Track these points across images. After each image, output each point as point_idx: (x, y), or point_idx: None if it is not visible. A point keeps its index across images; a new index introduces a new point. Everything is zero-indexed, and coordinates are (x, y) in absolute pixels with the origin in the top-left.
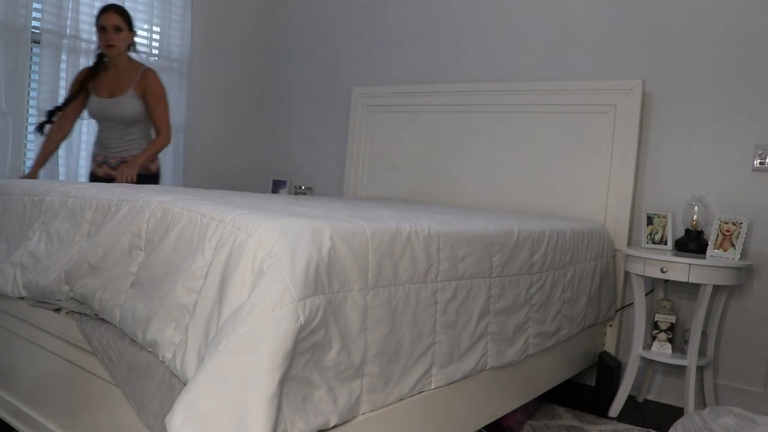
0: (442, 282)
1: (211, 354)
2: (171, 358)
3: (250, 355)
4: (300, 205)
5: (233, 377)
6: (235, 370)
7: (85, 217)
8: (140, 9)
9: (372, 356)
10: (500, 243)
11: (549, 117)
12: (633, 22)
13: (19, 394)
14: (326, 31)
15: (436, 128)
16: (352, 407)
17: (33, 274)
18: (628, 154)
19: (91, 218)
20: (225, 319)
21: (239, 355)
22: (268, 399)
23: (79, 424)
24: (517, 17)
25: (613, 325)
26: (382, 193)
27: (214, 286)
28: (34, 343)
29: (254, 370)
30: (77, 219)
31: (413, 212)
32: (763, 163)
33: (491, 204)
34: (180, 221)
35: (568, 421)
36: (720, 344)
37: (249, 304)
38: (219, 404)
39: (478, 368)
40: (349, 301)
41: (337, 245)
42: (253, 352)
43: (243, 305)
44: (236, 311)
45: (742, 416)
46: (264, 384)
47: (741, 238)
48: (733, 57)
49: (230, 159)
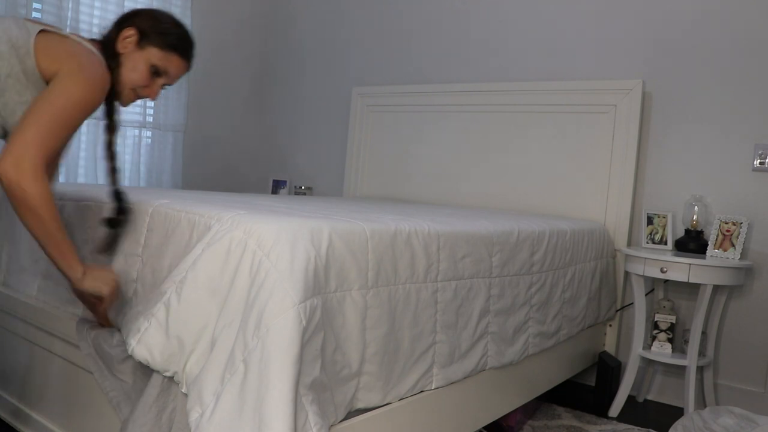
0: (442, 282)
1: (227, 378)
2: (136, 345)
3: (261, 365)
4: (299, 205)
5: (250, 395)
6: (251, 387)
7: (87, 223)
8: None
9: (371, 356)
10: (500, 243)
11: (549, 117)
12: (633, 22)
13: (19, 394)
14: (326, 31)
15: (436, 128)
16: (350, 406)
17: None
18: (628, 154)
19: (92, 220)
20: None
21: (253, 371)
22: (286, 404)
23: (80, 425)
24: (517, 17)
25: (613, 325)
26: (382, 193)
27: (211, 287)
28: (35, 344)
29: (268, 381)
30: (81, 223)
31: (413, 212)
32: (763, 163)
33: (491, 204)
34: (179, 223)
35: (568, 421)
36: (720, 344)
37: (253, 313)
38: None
39: (478, 368)
40: (348, 300)
41: (336, 245)
42: (264, 362)
43: (246, 313)
44: (242, 322)
45: (742, 416)
46: (279, 392)
47: (741, 238)
48: (733, 57)
49: (230, 159)
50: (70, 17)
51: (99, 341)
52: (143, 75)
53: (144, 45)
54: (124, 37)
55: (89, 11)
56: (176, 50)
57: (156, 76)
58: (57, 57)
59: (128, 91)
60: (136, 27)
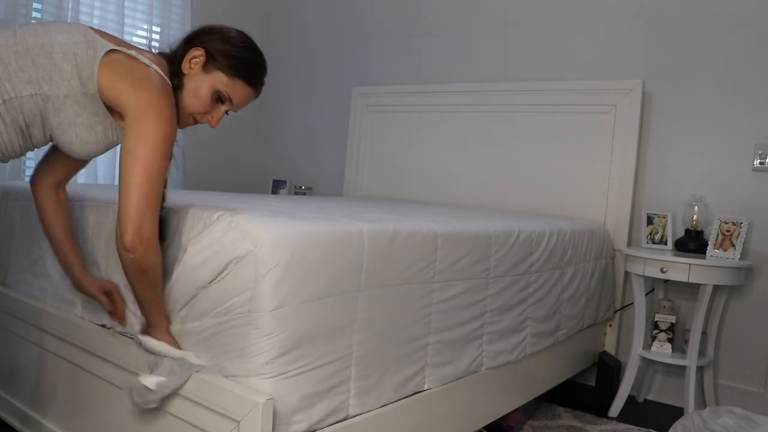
0: (439, 282)
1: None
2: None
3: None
4: (299, 205)
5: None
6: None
7: (88, 222)
8: (140, 9)
9: (363, 357)
10: (499, 243)
11: (549, 117)
12: (633, 22)
13: (18, 394)
14: (326, 31)
15: (436, 128)
16: (343, 409)
17: (51, 283)
18: (628, 154)
19: (93, 221)
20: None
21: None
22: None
23: (80, 425)
24: (517, 17)
25: (613, 325)
26: (382, 193)
27: (207, 283)
28: (34, 344)
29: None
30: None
31: (412, 212)
32: (763, 163)
33: (491, 204)
34: (179, 223)
35: (568, 421)
36: (720, 344)
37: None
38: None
39: (474, 368)
40: (343, 301)
41: (333, 246)
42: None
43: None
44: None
45: (742, 416)
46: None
47: (741, 238)
48: (733, 57)
49: (230, 159)
50: (70, 17)
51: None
52: (205, 101)
53: (210, 68)
54: (191, 57)
55: (89, 11)
56: (244, 77)
57: (219, 103)
58: (123, 87)
59: (186, 116)
60: (205, 47)
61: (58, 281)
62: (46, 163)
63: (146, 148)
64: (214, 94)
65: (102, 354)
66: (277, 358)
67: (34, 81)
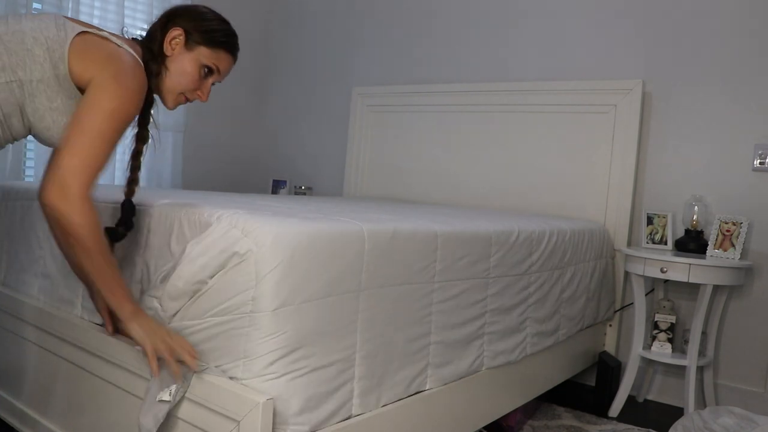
0: (439, 282)
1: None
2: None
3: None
4: (299, 205)
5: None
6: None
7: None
8: (140, 9)
9: (365, 357)
10: (499, 243)
11: (549, 117)
12: (633, 22)
13: (18, 394)
14: (326, 31)
15: (436, 128)
16: (346, 409)
17: (51, 283)
18: (628, 154)
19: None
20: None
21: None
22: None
23: (80, 425)
24: (516, 17)
25: (613, 325)
26: (382, 193)
27: (208, 283)
28: (34, 344)
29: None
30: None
31: (412, 212)
32: (763, 163)
33: (491, 204)
34: (179, 224)
35: (568, 421)
36: (720, 344)
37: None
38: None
39: (475, 368)
40: (344, 301)
41: (333, 246)
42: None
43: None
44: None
45: (742, 416)
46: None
47: (741, 238)
48: (733, 57)
49: (230, 159)
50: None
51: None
52: (193, 77)
53: (192, 45)
54: (171, 38)
55: (89, 11)
56: (225, 47)
57: (208, 76)
58: (91, 63)
59: (176, 95)
60: (182, 27)
61: (58, 281)
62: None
63: (100, 115)
64: (202, 68)
65: (102, 354)
66: (281, 359)
67: (8, 67)
